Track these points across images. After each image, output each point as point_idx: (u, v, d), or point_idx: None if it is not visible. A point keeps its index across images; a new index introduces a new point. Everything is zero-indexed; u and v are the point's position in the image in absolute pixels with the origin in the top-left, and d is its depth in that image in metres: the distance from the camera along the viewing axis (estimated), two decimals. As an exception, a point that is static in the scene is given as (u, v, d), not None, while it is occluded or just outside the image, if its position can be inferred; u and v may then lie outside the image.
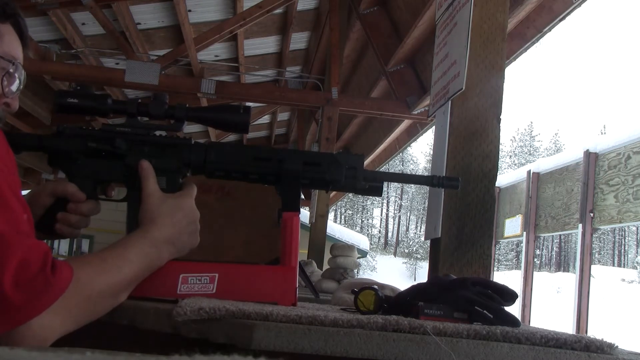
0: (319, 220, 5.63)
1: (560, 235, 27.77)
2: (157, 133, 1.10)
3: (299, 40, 7.33)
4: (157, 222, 0.99)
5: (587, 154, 5.20)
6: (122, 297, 0.91)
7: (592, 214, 5.08)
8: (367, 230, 67.60)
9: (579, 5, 3.58)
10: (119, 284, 0.89)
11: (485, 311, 0.92)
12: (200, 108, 1.12)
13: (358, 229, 63.51)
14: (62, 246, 10.68)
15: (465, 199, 1.80)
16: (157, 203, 1.01)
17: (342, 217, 68.72)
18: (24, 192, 0.91)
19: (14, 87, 1.01)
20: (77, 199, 1.05)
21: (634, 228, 61.74)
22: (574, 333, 1.98)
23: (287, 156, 1.09)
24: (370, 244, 43.91)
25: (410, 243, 63.69)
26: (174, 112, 1.08)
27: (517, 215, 6.65)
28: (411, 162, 71.88)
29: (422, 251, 58.15)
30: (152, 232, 0.98)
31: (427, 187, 1.38)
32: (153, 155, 1.07)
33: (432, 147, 2.44)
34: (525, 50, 4.12)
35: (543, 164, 6.35)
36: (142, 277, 0.95)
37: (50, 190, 1.06)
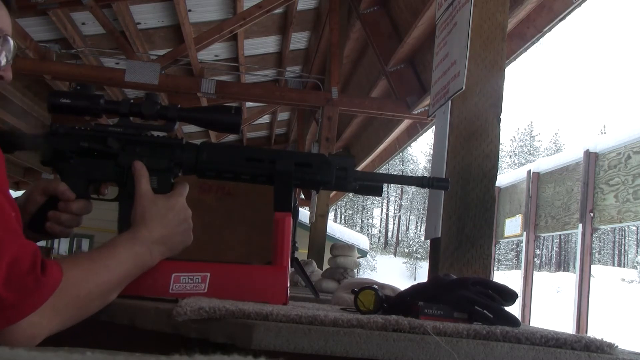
0: (319, 220, 5.63)
1: (560, 235, 27.77)
2: (155, 134, 1.10)
3: (299, 40, 7.33)
4: (148, 223, 1.00)
5: (587, 153, 5.20)
6: (112, 297, 0.92)
7: (592, 214, 5.07)
8: (367, 230, 67.60)
9: (579, 5, 3.58)
10: (108, 284, 0.89)
11: (485, 311, 0.92)
12: (191, 109, 1.12)
13: (358, 228, 63.52)
14: (62, 246, 10.69)
15: (465, 199, 1.80)
16: (148, 204, 1.02)
17: (342, 217, 68.72)
18: (22, 192, 0.91)
19: (3, 60, 0.99)
20: (66, 198, 1.05)
21: (634, 228, 61.74)
22: (574, 333, 1.98)
23: (279, 157, 1.10)
24: (370, 243, 43.90)
25: (410, 243, 63.67)
26: (166, 113, 1.09)
27: (517, 215, 6.65)
28: (411, 162, 71.89)
29: (422, 251, 58.15)
30: (142, 233, 0.98)
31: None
32: (145, 155, 1.07)
33: (432, 147, 2.44)
34: (525, 50, 4.12)
35: (543, 164, 6.35)
36: (132, 277, 0.96)
37: (42, 189, 1.06)
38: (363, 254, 18.00)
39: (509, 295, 0.97)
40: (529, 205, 6.28)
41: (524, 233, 6.38)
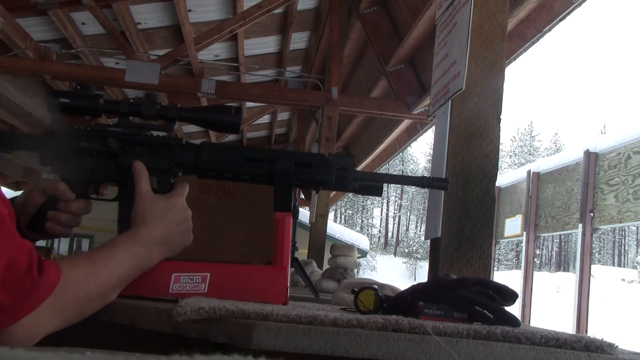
0: (319, 220, 5.63)
1: (560, 235, 27.76)
2: (155, 133, 1.10)
3: (299, 40, 7.33)
4: (148, 223, 1.00)
5: (587, 153, 5.20)
6: (111, 297, 0.92)
7: (592, 214, 5.08)
8: (367, 230, 67.59)
9: (579, 5, 3.58)
10: (107, 285, 0.89)
11: (485, 311, 0.92)
12: (191, 108, 1.12)
13: (358, 228, 63.51)
14: (62, 246, 10.69)
15: (465, 199, 1.80)
16: (148, 205, 1.02)
17: (342, 217, 68.71)
18: (20, 192, 0.90)
19: None
20: (66, 198, 1.05)
21: (634, 228, 61.74)
22: (574, 333, 1.98)
23: (279, 157, 1.10)
24: (370, 243, 43.88)
25: (410, 243, 63.66)
26: (166, 113, 1.09)
27: (517, 215, 6.65)
28: (411, 162, 71.88)
29: (422, 251, 58.14)
30: (142, 233, 0.98)
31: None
32: (145, 155, 1.07)
33: (432, 147, 2.44)
34: (525, 50, 4.12)
35: (543, 164, 6.35)
36: (132, 278, 0.96)
37: (42, 189, 1.06)
38: (363, 254, 18.00)
39: (509, 295, 0.97)
40: (529, 205, 6.28)
41: (524, 233, 6.38)
